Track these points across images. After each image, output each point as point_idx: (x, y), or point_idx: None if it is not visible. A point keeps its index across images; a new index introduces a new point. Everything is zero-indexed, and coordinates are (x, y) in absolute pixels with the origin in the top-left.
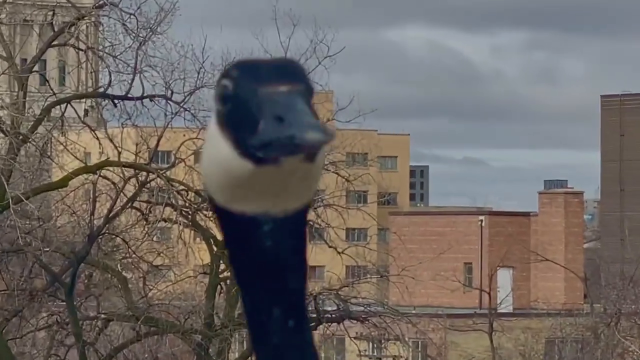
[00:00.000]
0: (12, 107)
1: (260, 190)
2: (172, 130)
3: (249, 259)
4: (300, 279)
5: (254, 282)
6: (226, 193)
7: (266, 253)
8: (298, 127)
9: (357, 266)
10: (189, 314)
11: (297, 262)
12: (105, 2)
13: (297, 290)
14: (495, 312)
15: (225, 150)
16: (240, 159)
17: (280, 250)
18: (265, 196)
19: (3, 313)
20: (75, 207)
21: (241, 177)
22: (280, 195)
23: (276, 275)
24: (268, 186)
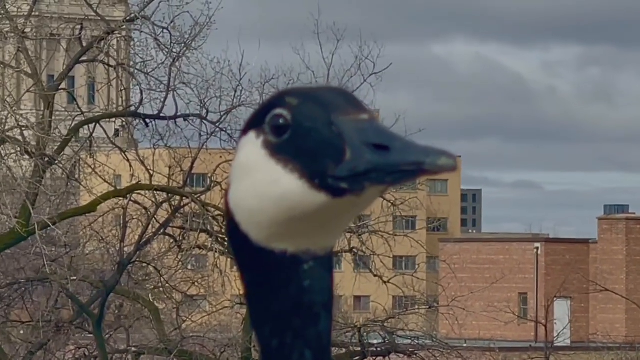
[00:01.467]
0: (37, 127)
1: (321, 224)
2: (207, 151)
3: (283, 300)
4: (330, 319)
5: (286, 323)
6: (275, 229)
7: (304, 294)
8: (423, 153)
9: (404, 296)
10: (225, 347)
11: (331, 301)
12: (137, 15)
13: (327, 332)
14: (552, 346)
15: (289, 183)
16: (313, 191)
17: (318, 290)
18: (318, 232)
19: (28, 346)
20: (105, 233)
21: (309, 210)
22: (331, 230)
23: (312, 316)
24: (332, 220)
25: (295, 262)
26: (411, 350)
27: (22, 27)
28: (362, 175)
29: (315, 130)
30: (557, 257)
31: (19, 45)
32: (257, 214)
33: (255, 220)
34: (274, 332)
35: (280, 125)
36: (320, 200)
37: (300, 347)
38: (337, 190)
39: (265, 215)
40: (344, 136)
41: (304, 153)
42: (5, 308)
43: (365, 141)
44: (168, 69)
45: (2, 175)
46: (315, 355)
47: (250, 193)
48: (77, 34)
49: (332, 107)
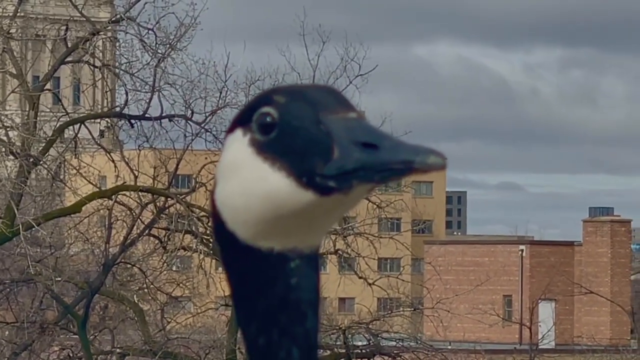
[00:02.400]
0: (22, 127)
1: (308, 223)
2: (192, 152)
3: (270, 298)
4: (317, 317)
5: (273, 321)
6: (261, 227)
7: (290, 292)
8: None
9: (389, 298)
10: (210, 348)
11: (317, 300)
12: (122, 16)
13: (314, 330)
14: (536, 348)
15: (276, 181)
16: (300, 189)
17: (304, 289)
18: (304, 230)
19: (12, 347)
20: (90, 234)
21: (296, 208)
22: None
23: (298, 314)
24: (319, 219)
25: (281, 260)
26: (396, 352)
27: (7, 27)
28: (350, 174)
29: (303, 129)
30: (541, 259)
31: (4, 46)
32: (243, 212)
33: (241, 219)
34: (261, 330)
35: (267, 124)
36: (307, 199)
37: (287, 345)
38: (324, 188)
39: (251, 214)
40: (332, 135)
41: (292, 151)
42: None
43: (354, 140)
44: (153, 69)
45: None
46: (302, 353)
47: (237, 191)
48: (62, 34)
49: (320, 105)
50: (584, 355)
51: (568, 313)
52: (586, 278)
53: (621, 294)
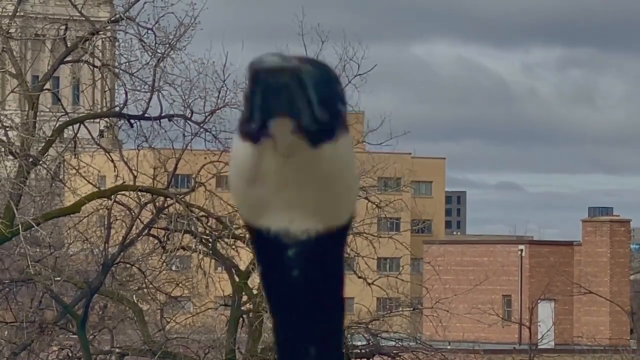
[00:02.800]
0: (22, 127)
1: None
2: (191, 152)
3: (279, 291)
4: (335, 316)
5: (286, 316)
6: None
7: (294, 284)
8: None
9: (388, 298)
10: (209, 348)
11: (330, 297)
12: (122, 16)
13: (333, 328)
14: (535, 348)
15: (238, 147)
16: (243, 143)
17: (309, 283)
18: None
19: (11, 346)
20: (89, 234)
21: (247, 164)
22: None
23: (307, 310)
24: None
25: (280, 247)
26: (395, 352)
27: (6, 27)
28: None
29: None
30: (541, 259)
31: (3, 46)
32: (232, 191)
33: (234, 200)
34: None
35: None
36: (247, 150)
37: (303, 342)
38: (251, 135)
39: (233, 190)
40: (251, 81)
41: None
42: None
43: (264, 90)
44: (153, 69)
45: None
46: (319, 351)
47: (230, 172)
48: (61, 34)
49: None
50: (583, 356)
51: (567, 313)
52: (585, 278)
53: (620, 294)
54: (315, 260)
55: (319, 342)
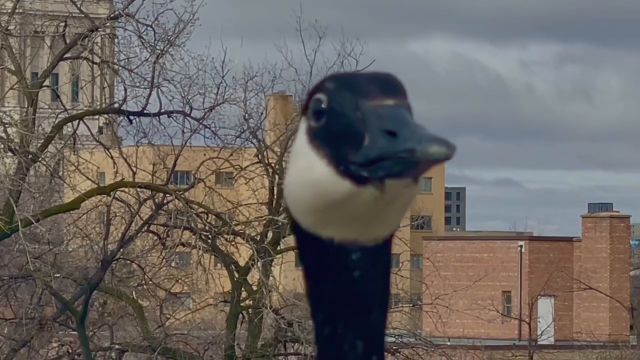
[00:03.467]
0: (21, 124)
1: (355, 214)
2: (190, 148)
3: (334, 289)
4: (384, 312)
5: (338, 312)
6: (316, 216)
7: (353, 284)
8: (418, 140)
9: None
10: (209, 344)
11: (383, 294)
12: (121, 12)
13: (381, 323)
14: (535, 344)
15: (320, 169)
16: (339, 178)
17: (367, 282)
18: (360, 221)
19: (11, 343)
20: (88, 231)
21: (338, 198)
22: (376, 221)
23: (362, 307)
24: (365, 210)
25: (343, 252)
26: (395, 348)
27: (5, 24)
28: (374, 163)
29: (344, 116)
30: (540, 255)
31: (3, 42)
32: (297, 200)
33: (298, 207)
34: (326, 320)
35: (319, 110)
36: (344, 188)
37: (351, 337)
38: (359, 177)
39: (304, 202)
40: (366, 122)
41: (333, 138)
42: None
43: (381, 127)
44: (152, 66)
45: None
46: (367, 346)
47: (293, 180)
48: (61, 31)
49: (363, 92)
50: (583, 352)
51: (567, 309)
52: (585, 274)
53: (620, 289)
54: (375, 262)
55: (367, 337)
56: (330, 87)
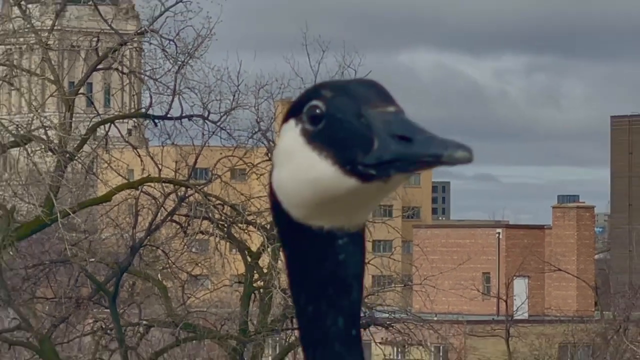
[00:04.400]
0: (59, 127)
1: (350, 205)
2: (209, 148)
3: (320, 271)
4: (361, 290)
5: (322, 292)
6: (310, 209)
7: (339, 266)
8: (442, 146)
9: (382, 276)
10: (225, 320)
11: (361, 274)
12: (146, 29)
13: (358, 301)
14: (511, 319)
15: (323, 168)
16: (344, 176)
17: (351, 263)
18: (351, 211)
19: (52, 319)
20: (119, 221)
21: (341, 193)
22: (364, 210)
23: (346, 286)
24: (359, 202)
25: (331, 238)
26: (388, 323)
27: (45, 39)
28: (387, 164)
29: (347, 121)
30: (516, 241)
31: (43, 56)
32: (295, 196)
33: (294, 202)
34: (310, 299)
35: (316, 115)
36: (350, 184)
37: (333, 314)
38: (365, 175)
39: (302, 197)
40: (372, 127)
41: (337, 141)
42: (32, 286)
43: (391, 132)
44: (174, 75)
45: (28, 169)
46: (346, 321)
47: (290, 177)
48: (94, 45)
49: (362, 99)
50: (553, 325)
51: (539, 288)
52: (555, 257)
53: (586, 271)
54: (357, 245)
55: (347, 314)
56: (327, 94)
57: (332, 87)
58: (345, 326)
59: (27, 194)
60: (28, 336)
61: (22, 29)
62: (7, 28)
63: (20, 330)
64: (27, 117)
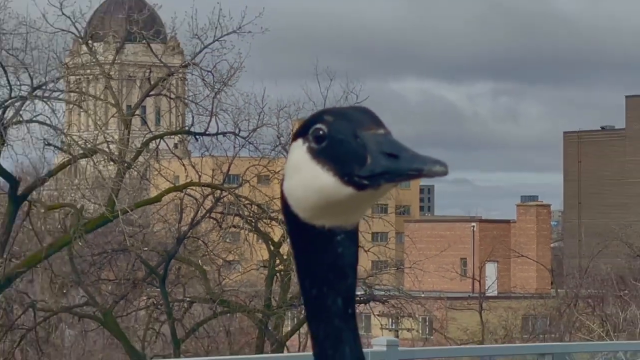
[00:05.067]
0: (119, 142)
1: (347, 209)
2: (239, 158)
3: (322, 262)
4: (355, 277)
5: (323, 279)
6: (315, 211)
7: (338, 257)
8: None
9: (379, 261)
10: (253, 297)
11: (355, 264)
12: (189, 62)
13: (353, 285)
14: (483, 295)
15: (326, 178)
16: (343, 185)
17: (347, 255)
18: (348, 213)
19: (113, 297)
20: (167, 217)
21: (340, 199)
22: (358, 212)
23: (343, 274)
24: (355, 206)
25: (331, 235)
26: (384, 299)
27: (108, 71)
28: (378, 176)
29: (345, 141)
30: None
31: (106, 84)
32: (303, 201)
33: (301, 206)
34: (314, 284)
35: (319, 136)
36: (348, 192)
37: (333, 295)
38: (360, 185)
39: (308, 202)
40: (366, 146)
41: (337, 157)
42: (97, 270)
43: (381, 150)
44: (211, 100)
45: (94, 176)
46: (344, 301)
47: (298, 185)
48: (147, 76)
49: (358, 123)
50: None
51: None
52: (519, 246)
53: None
54: (352, 240)
55: (344, 296)
56: (329, 119)
57: (333, 113)
58: (343, 305)
59: (93, 196)
60: (94, 310)
61: (89, 63)
62: (77, 62)
63: (88, 305)
64: (93, 134)
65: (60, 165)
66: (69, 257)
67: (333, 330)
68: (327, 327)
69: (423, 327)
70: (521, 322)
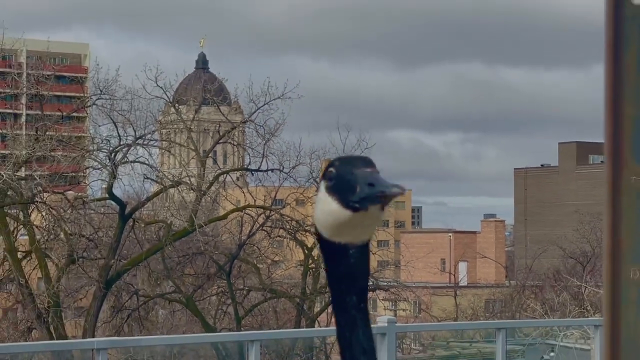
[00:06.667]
0: (197, 176)
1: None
2: (283, 187)
3: (339, 269)
4: (366, 280)
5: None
6: (331, 231)
7: (350, 266)
8: (385, 186)
9: (383, 260)
10: (293, 287)
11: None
12: (247, 120)
13: (365, 286)
14: (457, 285)
15: (333, 206)
16: (343, 209)
17: (358, 264)
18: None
19: (193, 286)
20: (231, 230)
21: (343, 220)
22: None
23: (355, 278)
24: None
25: (345, 249)
26: (386, 288)
27: (189, 126)
28: (363, 199)
29: (345, 178)
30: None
31: (188, 135)
32: (323, 223)
33: (322, 227)
34: (335, 285)
35: (331, 176)
36: (347, 214)
37: (349, 293)
38: (354, 208)
39: (327, 224)
40: (357, 180)
41: (340, 190)
42: (181, 267)
43: (366, 182)
44: (263, 146)
45: (179, 200)
46: (358, 298)
47: (320, 212)
48: (217, 129)
49: (355, 165)
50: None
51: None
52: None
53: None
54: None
55: (358, 294)
56: (337, 163)
57: (340, 159)
58: (357, 301)
59: (178, 214)
60: (179, 296)
61: (176, 120)
62: (167, 119)
63: (175, 293)
64: (179, 170)
65: (155, 192)
66: (162, 258)
67: (350, 318)
68: (346, 316)
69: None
70: (484, 305)
